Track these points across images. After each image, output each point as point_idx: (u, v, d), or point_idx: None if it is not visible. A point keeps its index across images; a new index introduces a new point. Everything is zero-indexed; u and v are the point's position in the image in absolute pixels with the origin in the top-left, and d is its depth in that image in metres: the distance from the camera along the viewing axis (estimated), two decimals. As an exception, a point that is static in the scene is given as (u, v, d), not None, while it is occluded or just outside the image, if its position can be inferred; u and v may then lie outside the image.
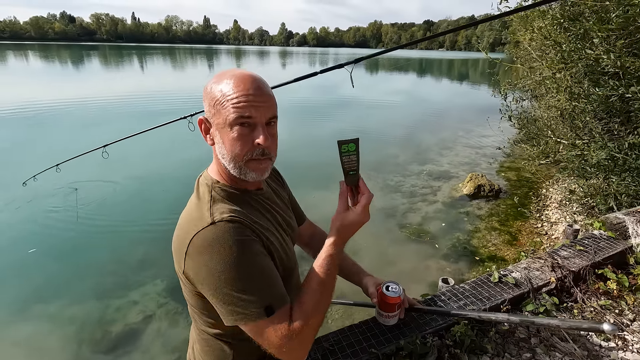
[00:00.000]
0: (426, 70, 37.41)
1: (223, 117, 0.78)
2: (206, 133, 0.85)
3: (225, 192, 0.85)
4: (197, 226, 0.76)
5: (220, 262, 0.73)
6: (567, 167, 3.98)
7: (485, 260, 3.66)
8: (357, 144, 0.85)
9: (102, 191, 5.26)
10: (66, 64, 33.63)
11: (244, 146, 0.79)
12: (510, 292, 1.48)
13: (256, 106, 0.77)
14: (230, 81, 0.78)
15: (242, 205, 0.85)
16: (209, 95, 0.80)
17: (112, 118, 10.19)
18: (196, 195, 0.86)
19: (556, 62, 3.59)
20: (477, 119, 10.87)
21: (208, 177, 0.88)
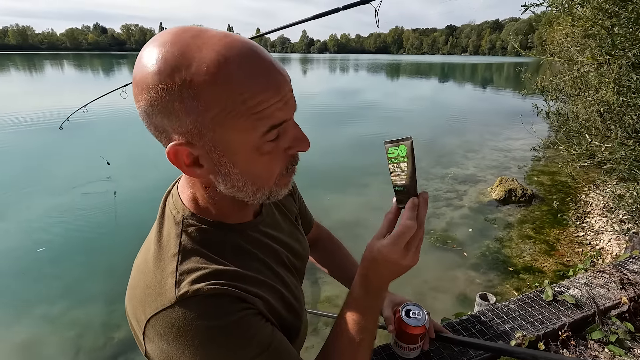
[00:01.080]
0: (449, 75, 36.62)
1: (241, 134, 0.46)
2: (192, 165, 0.49)
3: (202, 233, 0.55)
4: (156, 302, 0.48)
5: None
6: (614, 169, 3.55)
7: (520, 271, 3.28)
8: (411, 148, 0.58)
9: (126, 185, 5.21)
10: (97, 72, 35.12)
11: (277, 165, 0.51)
12: (569, 315, 1.17)
13: (287, 98, 0.48)
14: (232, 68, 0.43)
15: (228, 254, 0.56)
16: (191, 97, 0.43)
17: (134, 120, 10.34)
18: (157, 237, 0.55)
19: (603, 51, 3.20)
20: (504, 122, 10.35)
21: (178, 203, 0.57)
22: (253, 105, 0.44)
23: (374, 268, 0.60)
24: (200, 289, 0.48)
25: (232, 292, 0.50)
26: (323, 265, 1.04)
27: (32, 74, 31.92)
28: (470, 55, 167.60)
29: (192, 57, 0.42)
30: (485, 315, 1.19)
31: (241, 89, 0.43)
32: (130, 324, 0.54)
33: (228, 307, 0.49)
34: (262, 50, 0.47)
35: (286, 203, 0.81)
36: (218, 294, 0.49)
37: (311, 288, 2.95)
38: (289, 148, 0.51)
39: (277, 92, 0.45)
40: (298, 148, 0.52)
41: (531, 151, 6.67)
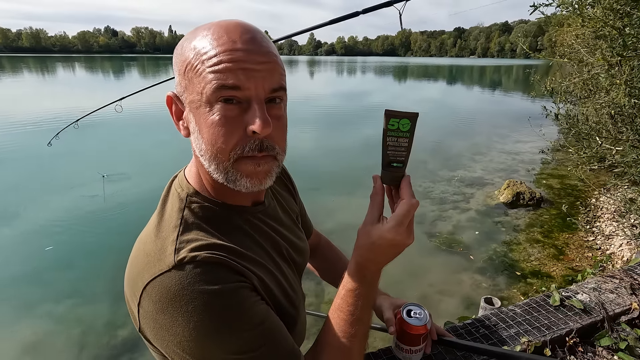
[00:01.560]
0: (457, 78, 36.39)
1: (197, 90, 0.49)
2: (178, 118, 0.56)
3: (205, 210, 0.56)
4: (154, 267, 0.49)
5: (192, 327, 0.46)
6: (625, 172, 3.47)
7: (528, 276, 3.22)
8: (414, 123, 0.56)
9: (132, 193, 5.26)
10: (108, 74, 35.63)
11: (230, 135, 0.50)
12: (577, 320, 1.14)
13: (248, 69, 0.48)
14: (207, 33, 0.50)
15: (227, 232, 0.57)
16: (179, 57, 0.52)
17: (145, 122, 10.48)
18: (160, 211, 0.57)
19: (614, 52, 3.14)
20: (512, 124, 10.24)
21: (184, 182, 0.59)
22: (211, 61, 0.48)
23: (373, 255, 0.57)
24: (198, 256, 0.49)
25: (229, 263, 0.51)
26: (322, 272, 1.02)
27: (45, 76, 32.52)
28: (478, 57, 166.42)
29: (197, 30, 0.53)
30: (489, 319, 1.16)
31: (208, 47, 0.49)
32: (127, 301, 0.54)
33: (224, 275, 0.50)
34: (251, 28, 0.52)
35: (288, 201, 0.81)
36: (215, 262, 0.50)
37: (314, 289, 2.93)
38: (247, 125, 0.50)
39: (236, 54, 0.48)
40: (253, 125, 0.49)
41: (540, 154, 6.59)
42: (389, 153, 0.58)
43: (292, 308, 0.65)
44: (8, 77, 28.94)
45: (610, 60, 3.40)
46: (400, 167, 0.58)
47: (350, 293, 0.59)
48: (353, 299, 0.59)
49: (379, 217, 0.58)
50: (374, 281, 0.60)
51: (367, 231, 0.58)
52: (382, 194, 0.59)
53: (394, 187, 0.61)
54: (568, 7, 3.61)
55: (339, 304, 0.60)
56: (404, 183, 0.57)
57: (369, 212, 0.59)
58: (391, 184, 0.60)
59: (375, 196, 0.59)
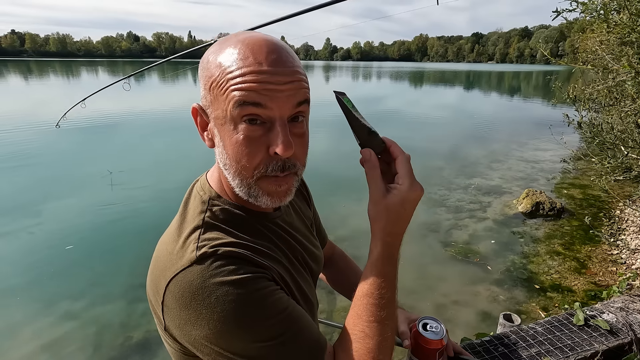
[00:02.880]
0: (474, 84, 35.87)
1: (222, 108, 0.50)
2: (203, 129, 0.57)
3: (226, 214, 0.58)
4: (176, 264, 0.50)
5: (217, 319, 0.47)
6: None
7: (548, 289, 3.11)
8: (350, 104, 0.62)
9: (149, 194, 5.37)
10: (130, 78, 36.60)
11: (253, 155, 0.51)
12: (603, 342, 1.08)
13: (272, 90, 0.49)
14: (233, 51, 0.50)
15: (249, 234, 0.58)
16: (205, 72, 0.53)
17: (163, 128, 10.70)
18: (182, 213, 0.59)
19: None
20: (531, 131, 10.01)
21: (206, 186, 0.61)
22: (236, 80, 0.48)
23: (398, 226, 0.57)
24: (218, 250, 0.51)
25: (249, 256, 0.52)
26: (334, 282, 1.01)
27: (70, 79, 33.71)
28: (497, 63, 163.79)
29: (224, 44, 0.52)
30: (509, 337, 1.11)
31: (234, 65, 0.49)
32: (150, 301, 0.56)
33: (245, 266, 0.51)
34: (278, 46, 0.51)
35: (303, 209, 0.82)
36: (235, 256, 0.51)
37: (326, 297, 2.90)
38: (270, 145, 0.51)
39: (261, 75, 0.48)
40: (276, 146, 0.50)
41: (561, 163, 6.41)
42: (361, 124, 0.60)
43: (308, 310, 0.64)
44: (38, 80, 30.16)
45: (637, 67, 3.28)
46: (375, 132, 0.60)
47: (381, 276, 0.57)
48: (385, 282, 0.57)
49: (388, 188, 0.57)
50: (397, 257, 0.59)
51: (384, 205, 0.56)
52: (379, 167, 0.58)
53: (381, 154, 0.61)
54: (592, 12, 3.51)
55: (367, 290, 0.57)
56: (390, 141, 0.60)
57: (375, 188, 0.57)
58: (377, 151, 0.60)
59: (374, 169, 0.58)
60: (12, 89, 22.85)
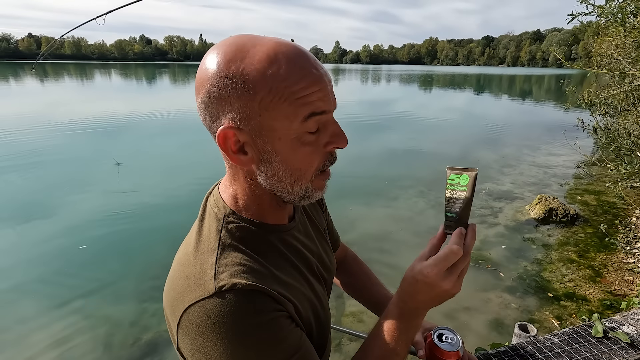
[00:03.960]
0: (485, 87, 35.53)
1: (282, 121, 0.49)
2: (237, 152, 0.53)
3: (242, 231, 0.57)
4: (195, 292, 0.50)
5: (230, 354, 0.48)
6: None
7: (562, 298, 3.04)
8: (474, 179, 0.61)
9: (161, 196, 5.43)
10: (141, 81, 37.27)
11: (316, 159, 0.53)
12: (623, 355, 1.05)
13: (327, 94, 0.51)
14: (280, 61, 0.48)
15: (264, 253, 0.58)
16: (239, 86, 0.48)
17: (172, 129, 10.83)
18: (198, 231, 0.58)
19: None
20: (544, 136, 9.86)
21: (220, 202, 0.60)
22: (295, 91, 0.48)
23: (413, 289, 0.59)
24: (238, 283, 0.49)
25: (268, 291, 0.51)
26: (347, 286, 1.01)
27: (84, 81, 34.42)
28: (508, 66, 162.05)
29: (247, 51, 0.48)
30: (524, 348, 1.09)
31: (286, 76, 0.48)
32: (166, 317, 0.56)
33: (263, 304, 0.50)
34: (307, 51, 0.52)
35: (316, 215, 0.81)
36: (255, 290, 0.50)
37: (335, 302, 2.89)
38: (327, 143, 0.54)
39: (317, 83, 0.49)
40: (336, 143, 0.54)
41: (575, 168, 6.30)
42: (447, 204, 0.63)
43: (322, 329, 0.65)
44: (53, 82, 30.86)
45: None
46: (454, 217, 0.62)
47: (389, 324, 0.61)
48: (391, 330, 0.61)
49: (427, 257, 0.60)
50: (412, 317, 0.61)
51: (413, 266, 0.60)
52: (439, 240, 0.62)
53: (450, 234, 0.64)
54: (608, 16, 3.45)
55: (376, 332, 0.62)
56: (457, 232, 0.60)
57: (423, 252, 0.62)
58: (447, 232, 0.63)
59: (432, 239, 0.63)
60: (28, 91, 23.41)
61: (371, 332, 0.64)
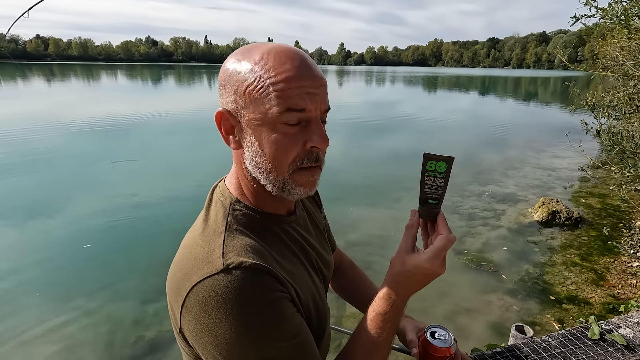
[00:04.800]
0: (490, 89, 35.36)
1: (262, 110, 0.54)
2: (228, 133, 0.59)
3: (247, 218, 0.61)
4: (202, 269, 0.52)
5: (234, 330, 0.49)
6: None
7: (564, 301, 3.03)
8: (450, 165, 0.63)
9: (162, 196, 5.47)
10: (147, 82, 37.55)
11: (291, 151, 0.56)
12: (619, 357, 1.05)
13: (312, 94, 0.54)
14: (270, 57, 0.53)
15: (268, 240, 0.61)
16: (235, 76, 0.55)
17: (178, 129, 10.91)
18: (205, 218, 0.61)
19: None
20: (549, 138, 9.80)
21: (226, 192, 0.64)
22: (279, 85, 0.52)
23: (407, 282, 0.61)
24: (245, 262, 0.52)
25: (273, 272, 0.54)
26: (344, 292, 1.02)
27: (90, 82, 34.75)
28: (513, 68, 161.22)
29: (250, 53, 0.55)
30: (520, 349, 1.10)
31: (272, 72, 0.52)
32: (169, 302, 0.57)
33: (269, 284, 0.53)
34: (304, 54, 0.56)
35: (316, 213, 0.84)
36: (261, 270, 0.52)
37: (336, 303, 2.89)
38: (307, 141, 0.56)
39: (300, 80, 0.53)
40: (314, 142, 0.56)
41: (579, 171, 6.26)
42: (426, 190, 0.64)
43: (321, 320, 0.67)
44: (61, 83, 31.19)
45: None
46: (436, 203, 0.63)
47: (380, 317, 0.62)
48: (381, 322, 0.62)
49: (413, 247, 0.62)
50: (402, 307, 0.63)
51: (402, 260, 0.61)
52: (417, 227, 0.64)
53: (429, 221, 0.66)
54: (613, 18, 3.44)
55: (366, 326, 0.63)
56: (440, 219, 0.62)
57: (404, 242, 0.63)
58: (427, 219, 0.66)
59: (410, 228, 0.64)
60: (35, 91, 23.68)
61: (360, 325, 0.65)
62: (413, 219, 0.64)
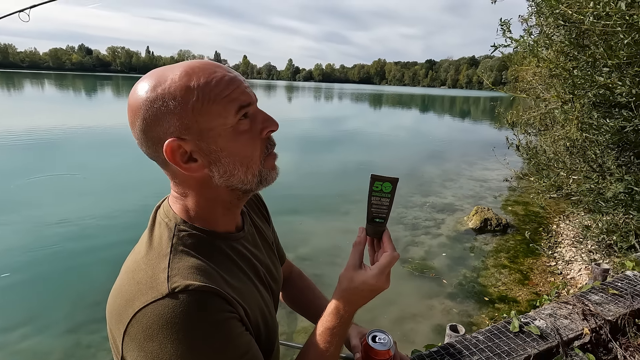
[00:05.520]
0: (429, 107, 38.12)
1: (217, 120, 0.54)
2: (187, 162, 0.56)
3: (193, 238, 0.59)
4: (146, 295, 0.50)
5: (179, 355, 0.48)
6: (580, 201, 3.72)
7: (496, 301, 3.32)
8: (395, 186, 0.67)
9: (91, 212, 5.04)
10: (79, 92, 34.67)
11: (256, 143, 0.59)
12: (535, 346, 1.20)
13: (247, 88, 0.58)
14: (197, 71, 0.54)
15: (215, 259, 0.60)
16: (170, 102, 0.52)
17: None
18: (148, 240, 0.59)
19: (565, 91, 3.45)
20: (480, 152, 10.76)
21: (170, 212, 0.61)
22: (219, 92, 0.54)
23: (354, 298, 0.64)
24: (191, 284, 0.50)
25: (221, 292, 0.53)
26: (293, 302, 1.03)
27: (10, 91, 31.22)
28: (449, 88, 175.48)
29: (167, 75, 0.54)
30: (454, 346, 1.20)
31: (208, 82, 0.53)
32: (109, 330, 0.54)
33: (216, 305, 0.52)
34: (218, 63, 0.59)
35: (264, 228, 0.84)
36: (208, 292, 0.51)
37: (287, 319, 2.88)
38: (262, 129, 0.59)
39: (234, 82, 0.56)
40: (269, 127, 0.60)
41: (505, 182, 6.94)
42: (372, 209, 0.67)
43: (270, 336, 0.68)
44: (-31, 92, 27.56)
45: (564, 97, 3.72)
46: (382, 222, 0.68)
47: (328, 331, 0.65)
48: (330, 337, 0.65)
49: (360, 264, 0.66)
50: (349, 321, 0.67)
51: (350, 276, 0.65)
52: (364, 244, 0.68)
53: (375, 239, 0.70)
54: (525, 48, 3.96)
55: (315, 341, 0.66)
56: (386, 237, 0.67)
57: (351, 259, 0.66)
58: (374, 236, 0.69)
59: (358, 245, 0.68)
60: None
61: (309, 340, 0.67)
62: (360, 237, 0.68)
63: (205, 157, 0.56)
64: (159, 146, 0.54)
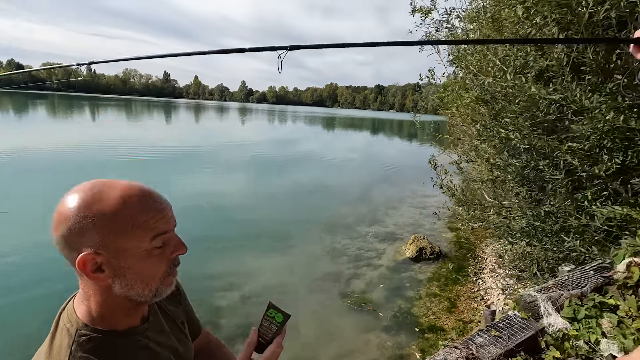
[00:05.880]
0: (379, 129, 40.06)
1: (133, 243, 0.63)
2: (95, 272, 0.63)
3: (94, 341, 0.65)
4: None
5: None
6: (495, 232, 4.19)
7: (426, 331, 3.59)
8: (286, 320, 0.79)
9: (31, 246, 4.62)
10: (6, 112, 31.61)
11: (162, 266, 0.68)
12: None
13: (167, 216, 0.68)
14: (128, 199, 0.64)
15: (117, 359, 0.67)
16: (99, 220, 0.61)
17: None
18: (49, 348, 0.63)
19: (477, 135, 3.96)
20: (422, 177, 11.49)
21: (73, 317, 0.67)
22: (144, 220, 0.64)
23: None
24: None
25: None
26: None
27: None
28: (396, 112, 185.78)
29: (105, 195, 0.63)
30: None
31: (137, 211, 0.63)
32: None
33: None
34: (154, 191, 0.70)
35: (172, 310, 0.92)
36: None
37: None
38: (172, 252, 0.69)
39: (159, 212, 0.66)
40: (178, 251, 0.71)
41: (440, 209, 7.52)
42: (261, 330, 0.80)
43: None
44: None
45: (477, 140, 4.24)
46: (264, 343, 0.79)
47: None
48: None
49: None
50: None
51: None
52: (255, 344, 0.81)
53: None
54: (447, 87, 4.53)
55: None
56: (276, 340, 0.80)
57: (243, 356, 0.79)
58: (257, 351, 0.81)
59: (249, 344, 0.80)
60: None
61: None
62: (253, 337, 0.80)
63: (112, 270, 0.64)
64: (75, 253, 0.61)
